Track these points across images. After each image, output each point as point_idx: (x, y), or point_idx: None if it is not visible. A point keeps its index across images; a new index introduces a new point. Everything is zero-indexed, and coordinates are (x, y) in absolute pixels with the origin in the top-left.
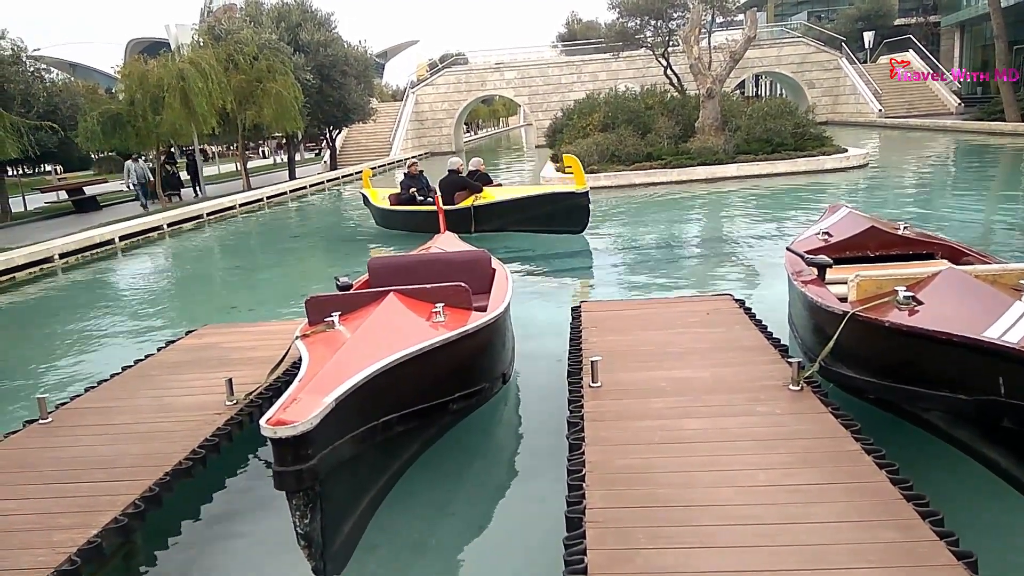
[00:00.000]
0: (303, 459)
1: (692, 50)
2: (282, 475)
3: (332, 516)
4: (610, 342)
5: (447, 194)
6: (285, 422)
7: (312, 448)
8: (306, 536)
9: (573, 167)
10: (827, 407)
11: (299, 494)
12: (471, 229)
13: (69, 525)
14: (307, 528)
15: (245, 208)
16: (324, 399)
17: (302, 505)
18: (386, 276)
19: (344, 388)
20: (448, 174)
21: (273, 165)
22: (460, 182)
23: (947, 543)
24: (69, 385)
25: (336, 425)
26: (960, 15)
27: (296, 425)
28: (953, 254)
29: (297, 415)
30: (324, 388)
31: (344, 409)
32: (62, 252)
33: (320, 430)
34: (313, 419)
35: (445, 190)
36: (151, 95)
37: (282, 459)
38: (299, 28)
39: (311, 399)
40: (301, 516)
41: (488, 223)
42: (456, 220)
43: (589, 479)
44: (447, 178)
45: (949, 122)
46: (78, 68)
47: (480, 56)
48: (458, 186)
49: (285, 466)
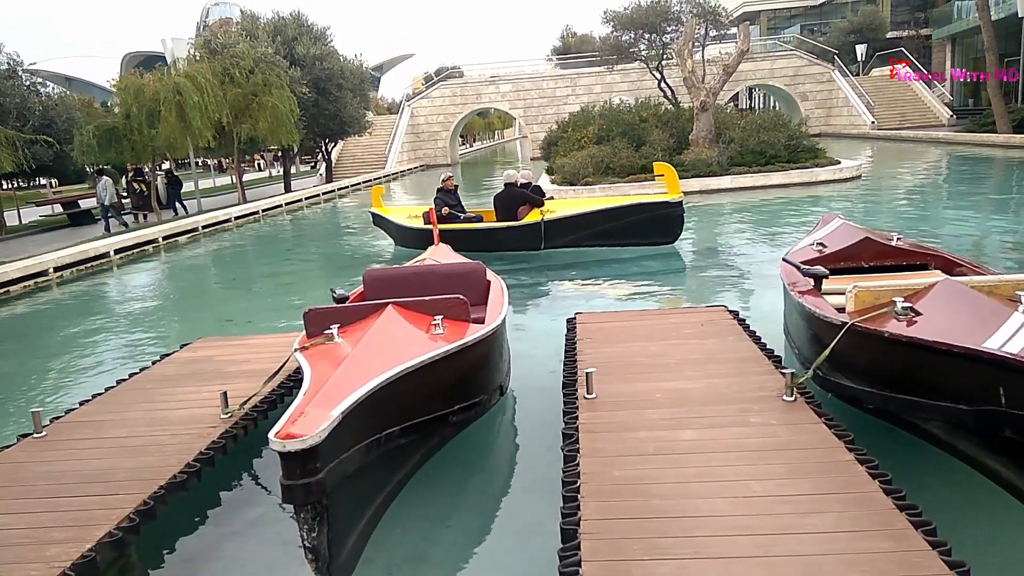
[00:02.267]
0: (312, 472)
1: (686, 63)
2: (291, 488)
3: (338, 529)
4: (605, 353)
5: (507, 209)
6: (294, 435)
7: (320, 461)
8: (314, 549)
9: (666, 175)
10: (820, 417)
11: (307, 507)
12: (539, 246)
13: (63, 539)
14: (315, 541)
15: (240, 221)
16: (332, 412)
17: (310, 518)
18: (382, 288)
19: (351, 401)
20: (504, 188)
21: (269, 178)
22: (521, 196)
23: (940, 552)
24: (63, 399)
25: (343, 438)
26: (951, 28)
27: (306, 439)
28: (947, 265)
29: (306, 428)
30: (331, 401)
31: (350, 422)
32: (57, 266)
33: (328, 443)
34: (321, 432)
35: (504, 205)
36: (147, 109)
37: (291, 473)
38: (295, 42)
39: (319, 412)
40: (309, 529)
41: (560, 239)
42: (521, 237)
43: (584, 490)
44: (505, 193)
45: (941, 134)
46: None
47: (475, 69)
48: (519, 200)
49: (294, 479)
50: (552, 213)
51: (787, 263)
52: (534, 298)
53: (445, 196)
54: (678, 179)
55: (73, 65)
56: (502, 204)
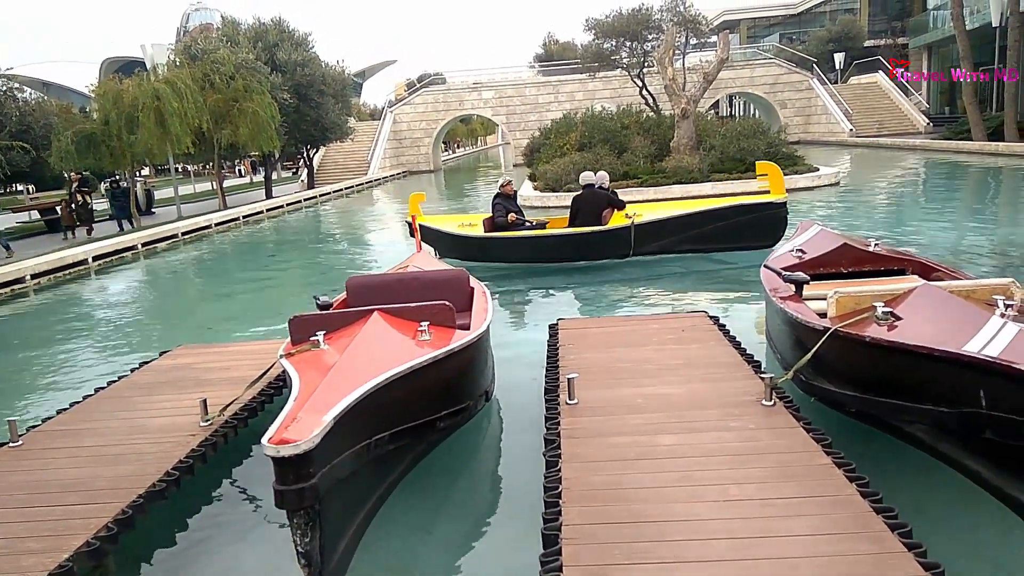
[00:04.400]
0: (305, 477)
1: (667, 71)
2: (284, 494)
3: (330, 534)
4: (587, 359)
5: (590, 213)
6: (287, 441)
7: (313, 466)
8: (306, 555)
9: (770, 174)
10: (799, 422)
11: (300, 512)
12: (628, 253)
13: (40, 549)
14: (307, 547)
15: (221, 227)
16: (324, 417)
17: (303, 523)
18: (365, 295)
19: (342, 406)
20: (584, 190)
21: (250, 184)
22: (605, 198)
23: (915, 554)
24: (40, 408)
25: (335, 443)
26: (927, 37)
27: (299, 444)
28: (924, 270)
29: (299, 434)
30: (322, 407)
31: (342, 427)
32: (34, 273)
33: (321, 448)
34: (315, 438)
35: (586, 207)
36: (126, 114)
37: (284, 478)
38: (276, 48)
39: (311, 418)
40: (302, 534)
41: (652, 244)
42: (608, 243)
43: (565, 496)
44: (587, 194)
45: (918, 141)
46: (51, 87)
47: (458, 76)
48: (603, 203)
49: (287, 485)
50: (639, 216)
51: (768, 269)
52: (517, 305)
53: (506, 202)
54: (783, 178)
55: (51, 70)
56: (584, 207)
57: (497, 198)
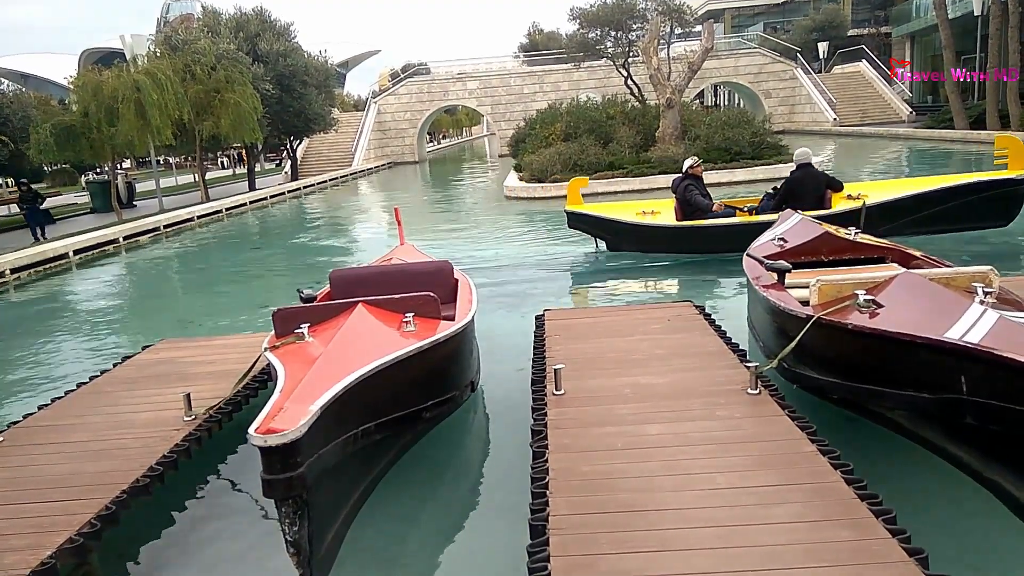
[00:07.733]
0: (292, 467)
1: (651, 60)
2: (272, 483)
3: (318, 523)
4: (573, 350)
5: (805, 195)
6: (274, 430)
7: (300, 456)
8: (295, 544)
9: (1010, 148)
10: (783, 410)
11: (288, 501)
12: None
13: (22, 546)
14: (296, 536)
15: (203, 220)
16: (310, 407)
17: (291, 513)
18: (348, 288)
19: (329, 396)
20: (798, 168)
21: (232, 176)
22: (823, 178)
23: (899, 540)
24: (22, 404)
25: (322, 433)
26: (910, 26)
27: (286, 433)
28: (903, 258)
29: (286, 423)
30: (309, 397)
31: (329, 417)
32: (13, 267)
33: (308, 438)
34: (302, 427)
35: (802, 189)
36: (105, 106)
37: (271, 467)
38: (258, 38)
39: (297, 408)
40: (291, 524)
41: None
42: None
43: (553, 486)
44: (801, 174)
45: (901, 130)
46: (30, 79)
47: (442, 66)
48: (822, 184)
49: (274, 474)
50: (866, 197)
51: (751, 258)
52: (502, 296)
53: (698, 184)
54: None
55: (29, 62)
56: (800, 189)
57: (687, 180)
